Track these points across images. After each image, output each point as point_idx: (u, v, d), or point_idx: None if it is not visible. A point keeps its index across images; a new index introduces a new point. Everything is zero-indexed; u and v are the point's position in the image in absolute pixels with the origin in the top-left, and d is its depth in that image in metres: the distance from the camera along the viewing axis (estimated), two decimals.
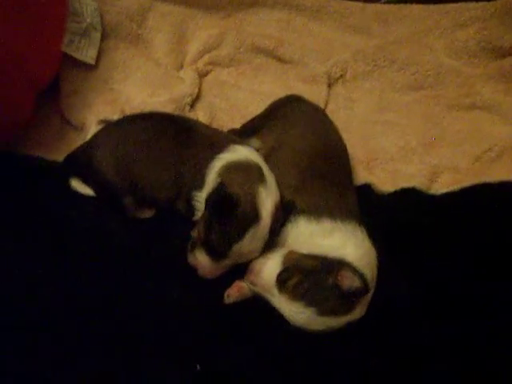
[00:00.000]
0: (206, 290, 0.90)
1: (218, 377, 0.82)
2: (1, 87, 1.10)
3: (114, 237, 1.02)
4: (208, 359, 0.82)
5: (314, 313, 0.78)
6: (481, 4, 1.47)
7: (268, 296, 0.83)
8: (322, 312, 0.78)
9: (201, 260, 0.87)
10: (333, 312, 0.78)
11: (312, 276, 0.79)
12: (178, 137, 0.97)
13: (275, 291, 0.81)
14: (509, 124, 1.27)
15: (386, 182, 1.13)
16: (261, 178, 0.88)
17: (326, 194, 0.92)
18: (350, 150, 1.08)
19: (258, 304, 0.86)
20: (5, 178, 1.14)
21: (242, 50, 1.49)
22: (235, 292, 0.89)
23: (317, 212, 0.88)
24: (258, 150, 1.02)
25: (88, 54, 1.35)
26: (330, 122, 1.10)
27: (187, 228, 0.97)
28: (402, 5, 1.52)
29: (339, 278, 0.78)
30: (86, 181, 1.08)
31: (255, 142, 1.11)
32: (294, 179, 0.95)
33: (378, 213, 1.00)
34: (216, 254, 0.85)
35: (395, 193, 1.09)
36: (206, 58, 1.48)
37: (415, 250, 0.95)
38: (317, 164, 0.97)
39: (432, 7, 1.48)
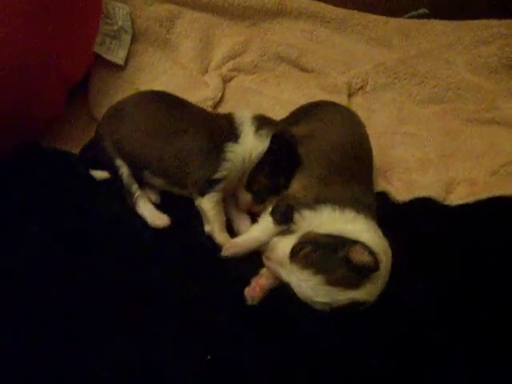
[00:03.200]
0: (226, 286, 0.93)
1: (230, 372, 0.83)
2: (35, 84, 1.16)
3: (136, 230, 1.05)
4: (222, 353, 0.84)
5: (320, 281, 0.79)
6: (504, 21, 1.50)
7: (279, 270, 0.85)
8: (329, 281, 0.79)
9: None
10: (339, 283, 0.79)
11: (324, 248, 0.82)
12: (172, 109, 1.07)
13: (287, 262, 0.84)
14: None
15: (401, 191, 1.14)
16: None
17: (352, 188, 0.95)
18: None
19: (276, 302, 0.89)
20: (32, 170, 1.18)
21: (265, 57, 1.53)
22: (257, 293, 0.90)
23: (341, 203, 0.91)
24: None
25: (118, 55, 1.41)
26: (363, 126, 1.13)
27: None
28: (424, 20, 1.55)
29: (350, 252, 0.80)
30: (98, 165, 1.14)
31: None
32: (323, 170, 0.98)
33: (393, 220, 1.00)
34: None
35: (410, 202, 1.10)
36: (231, 64, 1.53)
37: (428, 258, 0.96)
38: (346, 160, 1.01)
39: (454, 23, 1.51)
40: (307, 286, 0.81)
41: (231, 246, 0.97)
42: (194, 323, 0.87)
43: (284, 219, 0.94)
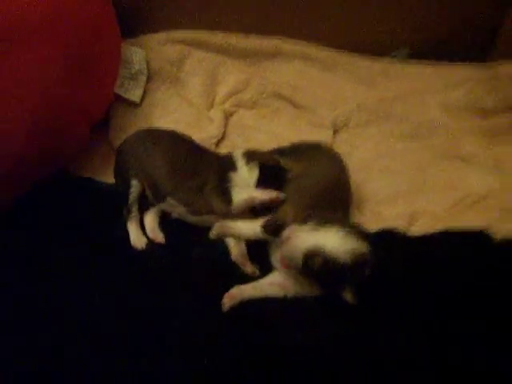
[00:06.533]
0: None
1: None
2: (63, 124, 1.35)
3: (150, 251, 1.25)
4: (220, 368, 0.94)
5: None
6: (471, 65, 1.68)
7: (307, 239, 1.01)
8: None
9: None
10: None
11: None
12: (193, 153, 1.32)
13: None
14: (486, 174, 1.44)
15: (371, 222, 1.30)
16: None
17: (332, 212, 1.13)
18: None
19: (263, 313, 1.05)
20: (59, 196, 1.40)
21: (264, 95, 1.72)
22: (227, 300, 1.07)
23: (323, 221, 1.07)
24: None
25: (135, 94, 1.61)
26: (345, 167, 1.34)
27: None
28: (404, 63, 1.72)
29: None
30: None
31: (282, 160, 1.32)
32: (309, 201, 1.19)
33: None
34: None
35: (377, 232, 1.26)
36: (233, 99, 1.72)
37: (387, 290, 1.09)
38: (328, 194, 1.22)
39: (430, 68, 1.68)
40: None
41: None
42: (193, 340, 0.99)
43: (272, 231, 1.11)
